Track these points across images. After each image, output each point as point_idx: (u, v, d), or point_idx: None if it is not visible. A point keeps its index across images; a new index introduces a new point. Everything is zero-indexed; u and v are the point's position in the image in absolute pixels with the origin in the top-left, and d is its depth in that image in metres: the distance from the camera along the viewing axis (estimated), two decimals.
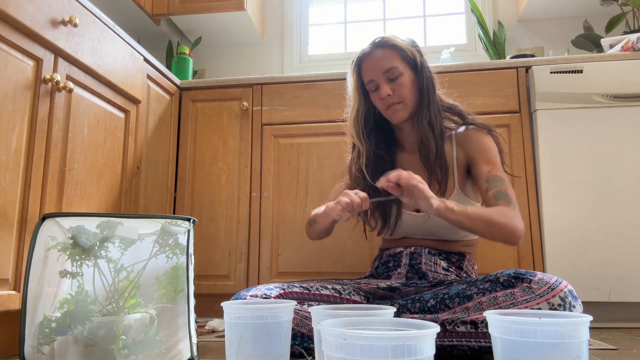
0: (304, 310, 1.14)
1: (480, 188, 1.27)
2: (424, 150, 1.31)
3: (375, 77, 1.31)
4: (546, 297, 1.01)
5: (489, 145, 1.30)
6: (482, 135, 1.32)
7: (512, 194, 1.22)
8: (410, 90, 1.30)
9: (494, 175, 1.24)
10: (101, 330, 0.95)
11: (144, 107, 1.77)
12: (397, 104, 1.30)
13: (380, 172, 1.31)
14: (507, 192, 1.21)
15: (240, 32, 2.64)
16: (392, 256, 1.36)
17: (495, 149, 1.30)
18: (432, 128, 1.29)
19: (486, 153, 1.28)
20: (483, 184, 1.25)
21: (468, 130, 1.34)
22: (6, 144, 1.16)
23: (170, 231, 1.07)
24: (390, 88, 1.29)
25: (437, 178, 1.29)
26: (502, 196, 1.20)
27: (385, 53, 1.30)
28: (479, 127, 1.33)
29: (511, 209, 1.17)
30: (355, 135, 1.37)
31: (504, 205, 1.18)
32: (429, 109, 1.30)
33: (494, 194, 1.21)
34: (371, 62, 1.31)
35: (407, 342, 0.57)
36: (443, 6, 2.71)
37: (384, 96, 1.29)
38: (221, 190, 1.95)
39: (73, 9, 1.37)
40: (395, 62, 1.29)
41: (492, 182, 1.23)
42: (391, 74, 1.29)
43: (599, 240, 1.66)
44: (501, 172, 1.26)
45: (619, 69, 1.73)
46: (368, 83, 1.33)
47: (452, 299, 1.10)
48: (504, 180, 1.24)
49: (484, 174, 1.25)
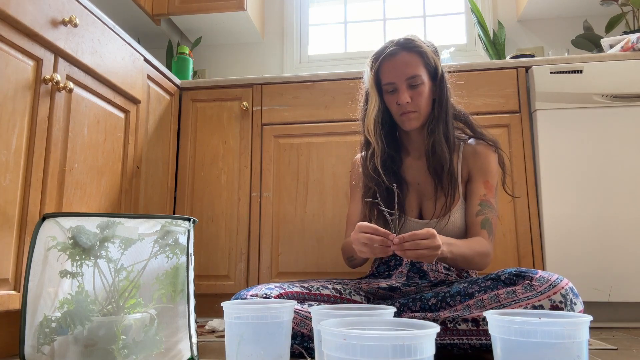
0: (304, 310, 1.14)
1: (470, 206, 1.29)
2: (435, 161, 1.29)
3: (397, 80, 1.26)
4: (547, 294, 1.01)
5: (492, 168, 1.31)
6: (489, 154, 1.32)
7: (495, 224, 1.27)
8: (426, 100, 1.28)
9: (488, 200, 1.28)
10: (101, 330, 0.95)
11: (144, 107, 1.77)
12: (412, 112, 1.27)
13: (390, 173, 1.33)
14: (492, 222, 1.26)
15: (240, 32, 2.64)
16: (394, 255, 1.36)
17: (496, 173, 1.32)
18: (447, 140, 1.28)
19: (487, 175, 1.30)
20: (475, 205, 1.28)
21: (477, 144, 1.33)
22: (6, 144, 1.16)
23: (170, 231, 1.07)
24: (410, 95, 1.26)
25: (445, 190, 1.29)
26: (487, 226, 1.25)
27: (411, 58, 1.26)
28: (488, 143, 1.33)
29: (488, 243, 1.23)
30: (373, 133, 1.32)
31: (485, 237, 1.24)
32: (445, 122, 1.29)
33: (482, 220, 1.25)
34: (394, 65, 1.26)
35: (407, 342, 0.57)
36: (443, 6, 2.71)
37: (403, 103, 1.26)
38: (221, 190, 1.95)
39: (73, 9, 1.37)
40: (419, 70, 1.26)
41: (484, 208, 1.27)
42: (413, 81, 1.25)
43: (599, 240, 1.66)
44: (494, 199, 1.30)
45: (618, 69, 1.73)
46: (386, 84, 1.29)
47: (454, 297, 1.10)
48: (493, 208, 1.28)
49: (479, 196, 1.28)
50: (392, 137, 1.38)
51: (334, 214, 1.85)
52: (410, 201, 1.36)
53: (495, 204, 1.29)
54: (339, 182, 1.87)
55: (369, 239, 1.04)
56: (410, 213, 1.34)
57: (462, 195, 1.32)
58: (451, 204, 1.29)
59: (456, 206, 1.30)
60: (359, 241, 1.05)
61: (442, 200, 1.29)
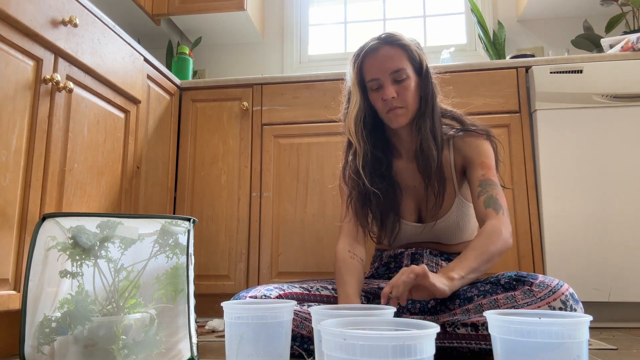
0: (303, 311, 1.14)
1: (472, 192, 1.23)
2: (423, 159, 1.24)
3: (381, 76, 1.20)
4: (547, 300, 0.99)
5: (486, 149, 1.26)
6: (481, 139, 1.27)
7: (502, 200, 1.18)
8: (413, 95, 1.22)
9: (488, 179, 1.21)
10: (101, 330, 0.95)
11: (144, 107, 1.77)
12: (399, 108, 1.21)
13: (377, 175, 1.27)
14: (497, 198, 1.17)
15: (240, 32, 2.64)
16: (393, 257, 1.35)
17: (492, 154, 1.27)
18: (435, 138, 1.23)
19: (482, 156, 1.24)
20: (476, 187, 1.21)
21: (467, 135, 1.29)
22: (6, 144, 1.16)
23: (170, 231, 1.07)
24: (395, 90, 1.20)
25: (434, 190, 1.25)
26: (492, 203, 1.16)
27: (394, 52, 1.20)
28: (479, 132, 1.28)
29: (497, 221, 1.13)
30: (354, 133, 1.25)
31: (492, 216, 1.14)
32: (432, 118, 1.23)
33: (484, 199, 1.17)
34: (377, 60, 1.20)
35: (407, 342, 0.57)
36: (443, 6, 2.71)
37: (388, 98, 1.19)
38: (221, 190, 1.95)
39: (73, 9, 1.37)
40: (403, 64, 1.20)
41: (485, 186, 1.20)
42: (398, 76, 1.20)
43: (599, 240, 1.66)
44: (495, 177, 1.22)
45: (618, 69, 1.73)
46: (370, 81, 1.22)
47: (453, 300, 1.09)
48: (496, 184, 1.21)
49: (478, 178, 1.22)
50: (379, 138, 1.31)
51: (334, 214, 1.85)
52: (408, 205, 1.32)
53: (496, 179, 1.22)
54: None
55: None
56: (408, 217, 1.31)
57: (458, 191, 1.28)
58: (442, 203, 1.25)
59: (453, 205, 1.27)
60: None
61: (432, 201, 1.25)
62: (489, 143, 1.28)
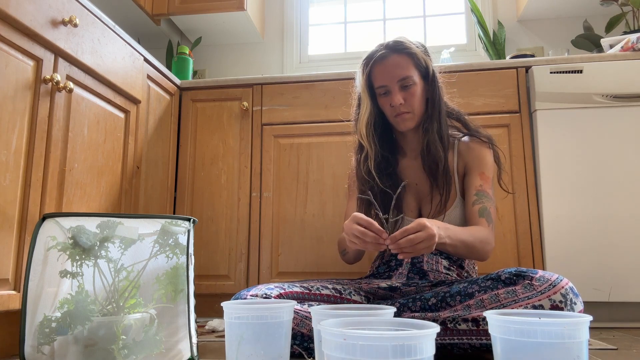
0: (304, 310, 1.14)
1: (467, 198, 1.30)
2: (429, 160, 1.31)
3: (389, 83, 1.28)
4: (547, 293, 1.01)
5: (487, 161, 1.33)
6: (484, 148, 1.34)
7: (494, 214, 1.28)
8: (420, 100, 1.30)
9: (484, 190, 1.29)
10: (101, 330, 0.95)
11: (144, 107, 1.77)
12: (407, 113, 1.29)
13: (386, 175, 1.34)
14: (490, 212, 1.27)
15: (240, 32, 2.64)
16: (394, 256, 1.36)
17: (491, 166, 1.34)
18: (441, 139, 1.30)
19: (482, 167, 1.32)
20: (472, 196, 1.29)
21: (471, 141, 1.36)
22: (6, 144, 1.16)
23: (170, 231, 1.07)
24: (402, 97, 1.28)
25: (440, 188, 1.31)
26: (485, 214, 1.26)
27: (401, 60, 1.28)
28: (482, 139, 1.35)
29: (489, 231, 1.24)
30: (365, 137, 1.34)
31: (484, 225, 1.24)
32: (439, 120, 1.30)
33: (479, 209, 1.26)
34: (385, 68, 1.28)
35: (407, 342, 0.57)
36: (443, 6, 2.71)
37: (396, 104, 1.28)
38: (221, 190, 1.95)
39: (73, 9, 1.37)
40: (410, 71, 1.28)
41: (481, 197, 1.28)
42: (405, 82, 1.28)
43: (599, 240, 1.66)
44: (490, 190, 1.30)
45: (618, 69, 1.73)
46: (379, 87, 1.31)
47: (454, 297, 1.11)
48: (490, 198, 1.29)
49: (475, 187, 1.29)
50: (387, 139, 1.39)
51: (334, 214, 1.85)
52: (409, 202, 1.37)
53: (492, 194, 1.30)
54: (338, 182, 1.87)
55: (362, 232, 1.04)
56: (409, 214, 1.35)
57: (459, 192, 1.33)
58: (447, 202, 1.30)
59: (453, 204, 1.31)
60: (352, 232, 1.06)
61: (437, 199, 1.31)
62: (491, 153, 1.35)
